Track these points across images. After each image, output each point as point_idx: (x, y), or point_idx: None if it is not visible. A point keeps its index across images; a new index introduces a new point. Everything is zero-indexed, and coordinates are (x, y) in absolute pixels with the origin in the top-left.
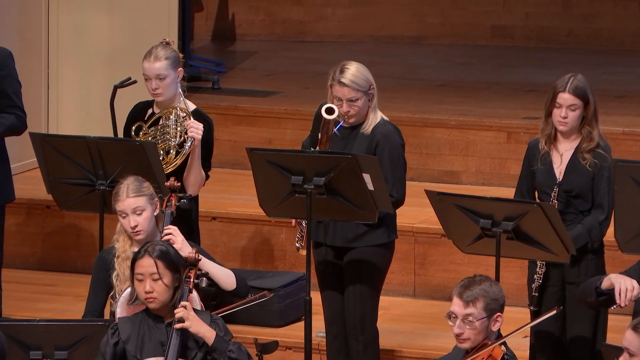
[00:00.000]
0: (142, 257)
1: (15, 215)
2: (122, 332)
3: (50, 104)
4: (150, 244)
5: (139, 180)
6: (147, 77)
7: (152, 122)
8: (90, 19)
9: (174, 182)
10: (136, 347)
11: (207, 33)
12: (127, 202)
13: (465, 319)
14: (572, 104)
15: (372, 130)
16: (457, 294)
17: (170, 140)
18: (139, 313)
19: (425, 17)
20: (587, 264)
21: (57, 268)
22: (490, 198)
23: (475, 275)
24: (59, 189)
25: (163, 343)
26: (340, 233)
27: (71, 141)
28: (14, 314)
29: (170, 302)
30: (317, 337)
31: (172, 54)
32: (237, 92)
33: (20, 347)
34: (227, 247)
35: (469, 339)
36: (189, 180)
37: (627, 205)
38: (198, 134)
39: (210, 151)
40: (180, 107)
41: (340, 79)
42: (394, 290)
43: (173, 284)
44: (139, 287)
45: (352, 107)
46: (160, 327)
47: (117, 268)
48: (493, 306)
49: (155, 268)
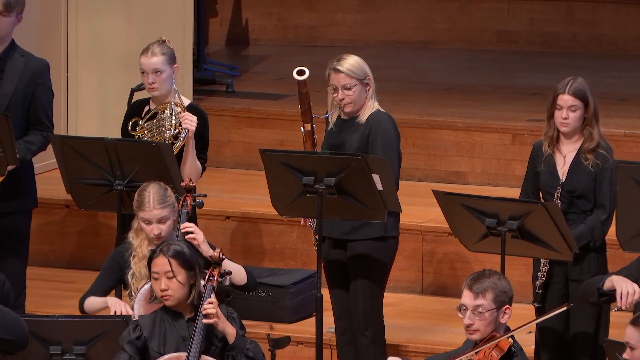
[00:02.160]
0: (157, 257)
1: (36, 215)
2: (144, 329)
3: (70, 107)
4: (165, 244)
5: (162, 188)
6: (144, 72)
7: (148, 118)
8: (108, 25)
9: (190, 182)
10: (159, 343)
11: (221, 38)
12: (153, 212)
13: (475, 310)
14: (572, 104)
15: (367, 120)
16: (467, 287)
17: (166, 132)
18: (157, 311)
19: (433, 22)
20: (589, 262)
21: (76, 265)
22: (495, 198)
23: (484, 270)
24: (78, 189)
25: (185, 338)
26: (338, 225)
27: (90, 143)
28: (36, 310)
29: (187, 299)
30: (327, 333)
31: (169, 51)
32: (250, 95)
33: (40, 342)
34: (240, 245)
35: (478, 330)
36: (185, 170)
37: (628, 205)
38: (192, 125)
39: (205, 144)
40: (175, 102)
41: (335, 66)
42: (402, 287)
43: (188, 282)
44: (155, 285)
45: (346, 95)
46: (181, 323)
47: (133, 267)
48: (502, 298)
49: (169, 267)
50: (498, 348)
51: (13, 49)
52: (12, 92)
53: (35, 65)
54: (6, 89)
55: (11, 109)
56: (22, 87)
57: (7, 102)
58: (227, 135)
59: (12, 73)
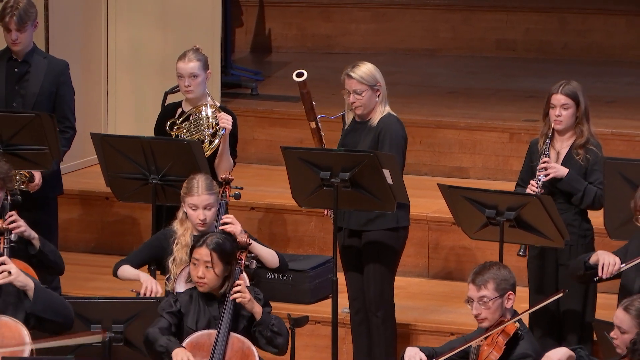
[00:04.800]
0: (201, 246)
1: (78, 206)
2: (182, 305)
3: (109, 108)
4: (210, 235)
5: (209, 179)
6: (181, 75)
7: (184, 119)
8: (144, 34)
9: (229, 175)
10: (193, 320)
11: (246, 46)
12: (201, 197)
13: (480, 301)
14: (565, 103)
15: (378, 122)
16: (470, 281)
17: (204, 131)
18: (193, 290)
19: (438, 32)
20: (577, 249)
21: (115, 252)
22: (494, 191)
23: (485, 262)
24: (116, 182)
25: (215, 318)
26: (354, 218)
27: (127, 141)
28: (79, 292)
29: (220, 289)
30: (342, 313)
31: (203, 58)
32: (272, 97)
33: (82, 321)
34: (263, 233)
35: (486, 318)
36: (221, 165)
37: (616, 197)
38: (229, 124)
39: (235, 141)
40: (209, 104)
41: (348, 72)
42: (410, 272)
43: (223, 274)
44: (193, 270)
45: (357, 98)
46: (212, 304)
47: (175, 253)
48: (504, 286)
49: (210, 258)
50: (504, 333)
51: (35, 52)
52: (38, 91)
53: (58, 66)
54: (33, 89)
55: (38, 107)
56: (46, 86)
57: (34, 101)
58: (251, 134)
59: (36, 74)
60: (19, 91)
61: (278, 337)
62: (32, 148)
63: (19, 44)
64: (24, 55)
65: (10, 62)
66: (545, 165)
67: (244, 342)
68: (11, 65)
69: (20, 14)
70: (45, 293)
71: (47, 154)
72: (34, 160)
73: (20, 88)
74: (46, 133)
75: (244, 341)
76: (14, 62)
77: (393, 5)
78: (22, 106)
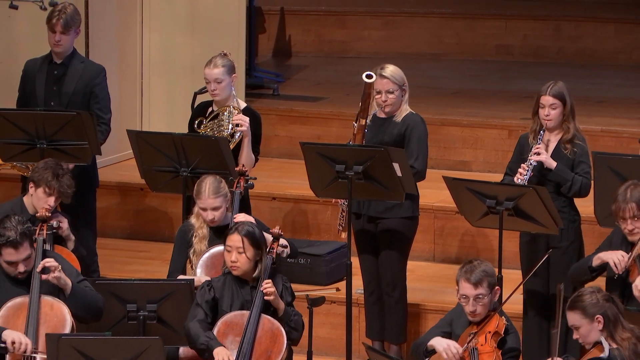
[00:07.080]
0: (233, 233)
1: (115, 196)
2: (216, 290)
3: (144, 107)
4: (241, 223)
5: (217, 180)
6: (207, 81)
7: (211, 117)
8: (176, 39)
9: (243, 168)
10: (228, 304)
11: (268, 50)
12: (208, 201)
13: (477, 298)
14: (553, 103)
15: (403, 119)
16: (464, 279)
17: (224, 131)
18: (227, 276)
19: (443, 38)
20: (568, 232)
21: (149, 237)
22: (494, 183)
23: (472, 260)
24: (150, 174)
25: (248, 301)
26: (374, 206)
27: (160, 137)
28: (118, 274)
29: (253, 273)
30: (356, 294)
31: (228, 63)
32: (292, 97)
33: (119, 301)
34: (284, 221)
35: (480, 313)
36: (240, 162)
37: (605, 189)
38: (245, 125)
39: (258, 139)
40: (232, 106)
41: (381, 73)
42: (418, 256)
43: (254, 258)
44: (227, 256)
45: (389, 97)
46: (245, 289)
47: (194, 246)
48: (492, 282)
49: (242, 243)
50: (497, 334)
51: (74, 57)
52: (72, 92)
53: (93, 70)
54: (67, 89)
55: (71, 106)
56: (80, 87)
57: (68, 100)
58: (273, 131)
59: (72, 76)
60: (56, 91)
61: (294, 332)
62: (74, 143)
63: (61, 46)
64: (63, 59)
65: (50, 65)
66: (538, 150)
67: (273, 323)
68: (51, 68)
69: (67, 19)
70: (79, 293)
71: (86, 149)
72: (74, 155)
73: (57, 89)
74: (86, 130)
75: (273, 322)
76: (54, 65)
77: (402, 14)
78: (58, 105)
